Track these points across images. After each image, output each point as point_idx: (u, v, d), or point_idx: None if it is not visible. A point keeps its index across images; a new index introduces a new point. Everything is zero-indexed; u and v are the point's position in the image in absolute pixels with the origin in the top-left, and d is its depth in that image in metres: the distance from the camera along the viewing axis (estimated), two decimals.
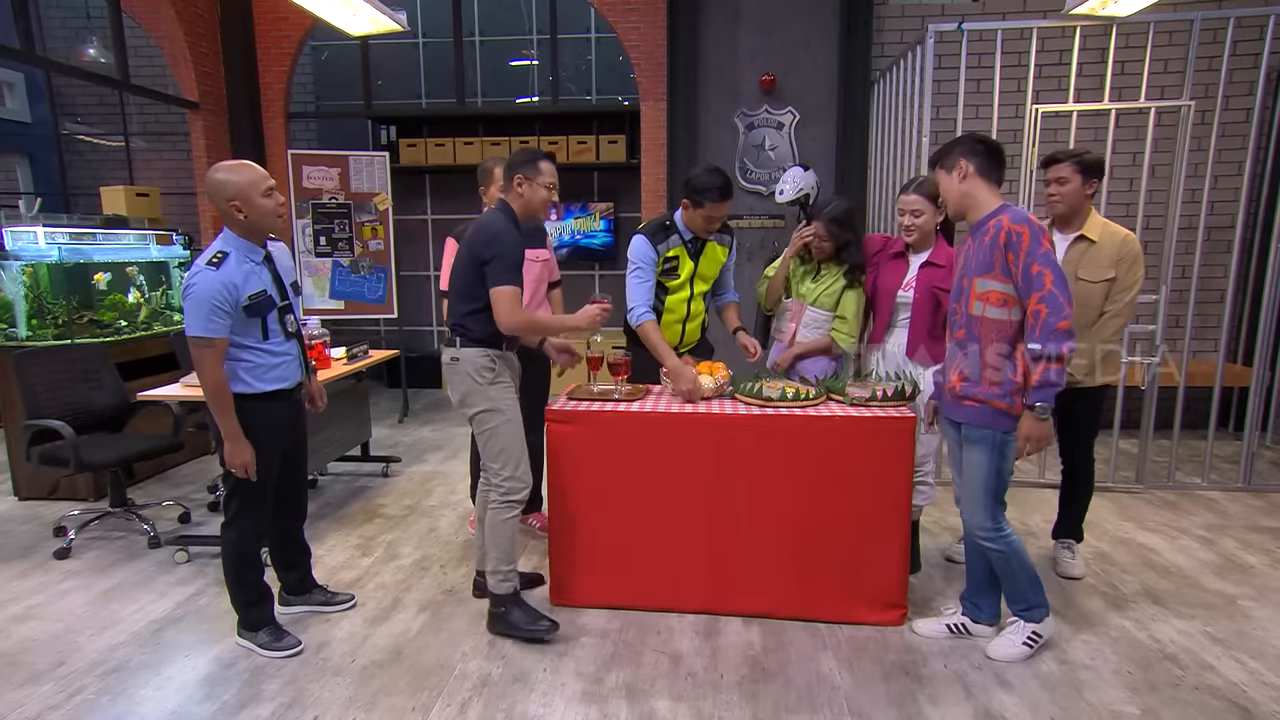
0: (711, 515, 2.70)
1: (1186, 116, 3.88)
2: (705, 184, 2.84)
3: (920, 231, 2.80)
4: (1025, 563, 2.45)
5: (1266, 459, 4.59)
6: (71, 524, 3.55)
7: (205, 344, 2.27)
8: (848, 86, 5.46)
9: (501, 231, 2.48)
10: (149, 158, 8.04)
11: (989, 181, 2.32)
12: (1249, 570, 3.18)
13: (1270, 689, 2.33)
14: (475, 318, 2.53)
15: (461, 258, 2.54)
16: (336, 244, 5.73)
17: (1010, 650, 2.48)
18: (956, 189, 2.35)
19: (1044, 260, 2.16)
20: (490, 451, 2.56)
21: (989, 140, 2.35)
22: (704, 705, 2.26)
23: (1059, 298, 2.14)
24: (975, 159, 2.32)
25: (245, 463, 2.38)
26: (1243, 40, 4.61)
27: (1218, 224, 5.03)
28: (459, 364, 2.55)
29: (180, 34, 5.64)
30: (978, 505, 2.40)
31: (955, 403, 2.42)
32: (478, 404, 2.55)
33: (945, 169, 2.37)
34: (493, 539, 2.58)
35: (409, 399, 6.30)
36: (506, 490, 2.55)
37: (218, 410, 2.34)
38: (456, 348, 2.56)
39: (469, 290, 2.51)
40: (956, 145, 2.37)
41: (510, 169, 2.56)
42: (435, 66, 7.72)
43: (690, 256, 3.01)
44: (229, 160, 2.42)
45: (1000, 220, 2.24)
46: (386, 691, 2.34)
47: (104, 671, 2.45)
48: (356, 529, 3.69)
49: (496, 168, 3.06)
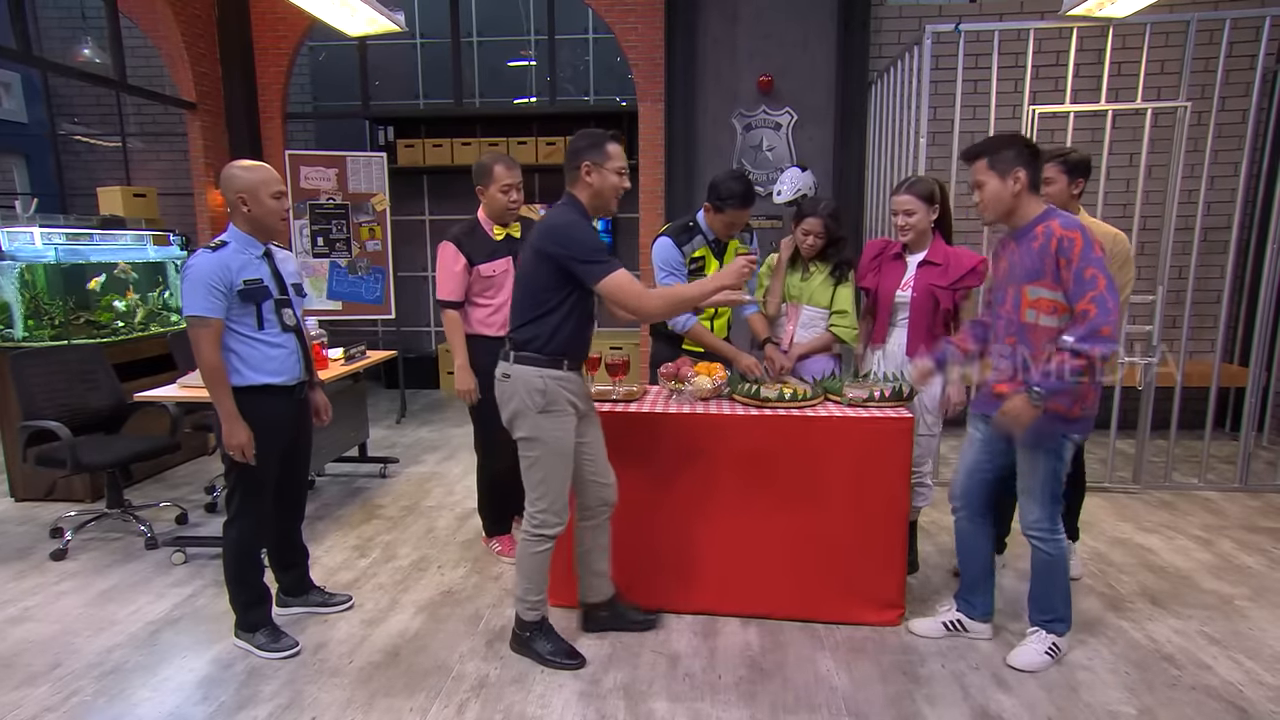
0: (709, 516, 2.70)
1: (1183, 118, 3.89)
2: (729, 190, 2.86)
3: (915, 231, 2.80)
4: (1066, 572, 2.44)
5: (1263, 459, 4.60)
6: (68, 525, 3.55)
7: (201, 323, 2.31)
8: (845, 87, 5.47)
9: (574, 221, 2.24)
10: (146, 158, 8.02)
11: (1035, 191, 2.29)
12: (1246, 570, 3.19)
13: (1266, 689, 2.34)
14: (533, 329, 2.29)
15: (528, 264, 2.30)
16: (334, 245, 5.72)
17: (1034, 659, 2.45)
18: (1007, 197, 2.27)
19: (1098, 264, 2.12)
20: (530, 480, 2.38)
21: (1035, 147, 2.28)
22: (702, 706, 2.26)
23: (1109, 301, 2.09)
24: (1030, 171, 2.25)
25: (241, 444, 2.38)
26: (1239, 41, 4.62)
27: (1214, 225, 5.04)
28: (510, 381, 2.33)
29: (177, 34, 5.63)
30: (1036, 504, 2.38)
31: None
32: (522, 429, 2.34)
33: (998, 174, 2.26)
34: (521, 568, 2.45)
35: (406, 400, 6.30)
36: (539, 523, 2.39)
37: (214, 390, 2.36)
38: (510, 363, 2.33)
39: (531, 298, 2.29)
40: (1012, 149, 2.26)
41: (574, 156, 2.28)
42: (433, 67, 7.71)
43: (715, 256, 3.05)
44: (247, 160, 2.49)
45: (1050, 226, 2.20)
46: (384, 692, 2.34)
47: (101, 673, 2.45)
48: (354, 530, 3.68)
49: (496, 165, 3.03)
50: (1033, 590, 2.50)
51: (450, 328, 3.10)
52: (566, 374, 2.34)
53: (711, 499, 2.69)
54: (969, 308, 2.85)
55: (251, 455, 2.41)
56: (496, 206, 3.07)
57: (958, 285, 2.77)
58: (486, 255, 3.07)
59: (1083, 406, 2.29)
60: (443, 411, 6.36)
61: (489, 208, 3.10)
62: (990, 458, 2.49)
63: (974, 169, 2.32)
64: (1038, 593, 2.48)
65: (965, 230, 4.74)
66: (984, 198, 2.31)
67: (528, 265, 2.31)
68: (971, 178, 2.36)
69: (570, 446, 2.38)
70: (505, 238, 3.13)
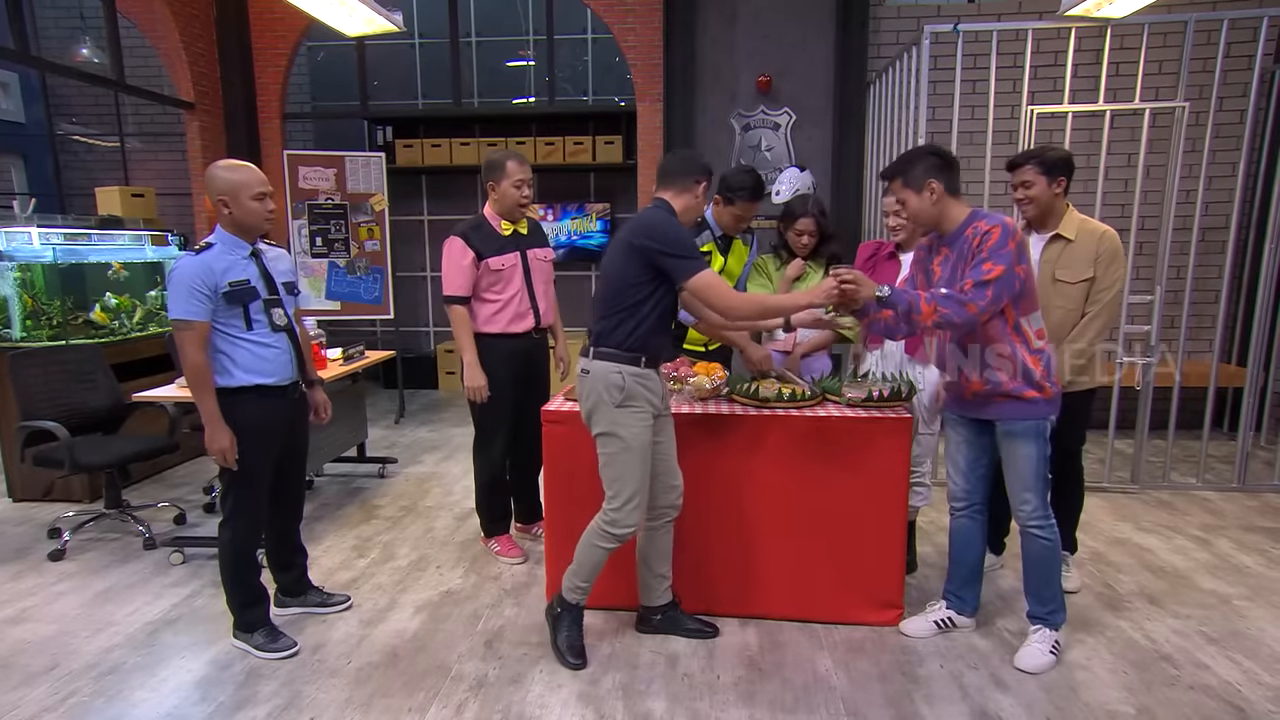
0: (708, 516, 2.70)
1: (1181, 118, 3.89)
2: (740, 183, 2.92)
3: (905, 230, 2.84)
4: (1060, 557, 2.48)
5: (1261, 459, 4.61)
6: (66, 526, 3.54)
7: (184, 326, 2.31)
8: (844, 88, 5.47)
9: (668, 220, 2.32)
10: (144, 158, 8.02)
11: (955, 195, 2.32)
12: (1244, 570, 3.19)
13: (1264, 688, 2.34)
14: (617, 325, 2.31)
15: (616, 259, 2.34)
16: (332, 245, 5.72)
17: (1041, 660, 2.45)
18: (929, 209, 2.32)
19: (1001, 258, 2.17)
20: (606, 476, 2.39)
21: (945, 153, 2.34)
22: (700, 706, 2.26)
23: (989, 291, 2.15)
24: (943, 177, 2.29)
25: (223, 448, 2.38)
26: (1236, 42, 4.62)
27: (1212, 225, 5.04)
28: (589, 377, 2.35)
29: (176, 34, 5.63)
30: (1031, 492, 2.39)
31: (982, 402, 2.40)
32: (600, 424, 2.35)
33: (913, 189, 2.32)
34: (580, 552, 2.45)
35: (405, 400, 6.30)
36: (611, 521, 2.37)
37: (197, 393, 2.36)
38: (589, 358, 2.36)
39: (617, 294, 2.31)
40: (918, 163, 2.32)
41: (683, 175, 2.39)
42: (432, 67, 7.71)
43: (720, 252, 3.08)
44: (232, 159, 2.47)
45: (977, 225, 2.26)
46: (383, 693, 2.34)
47: (99, 673, 2.45)
48: (353, 530, 3.68)
49: (508, 160, 2.99)
50: (1031, 584, 2.50)
51: (458, 323, 3.07)
52: (644, 371, 2.35)
53: (710, 499, 2.69)
54: None
55: (234, 460, 2.40)
56: (508, 202, 3.05)
57: None
58: (495, 249, 3.05)
59: (1051, 386, 2.32)
60: (441, 412, 6.36)
61: (499, 203, 3.07)
62: (981, 452, 2.52)
63: (892, 189, 2.41)
64: (1037, 585, 2.48)
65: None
66: (909, 214, 2.40)
67: (616, 260, 2.34)
68: (893, 198, 2.52)
69: (647, 444, 2.37)
70: (513, 234, 3.11)
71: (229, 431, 2.38)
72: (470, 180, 7.32)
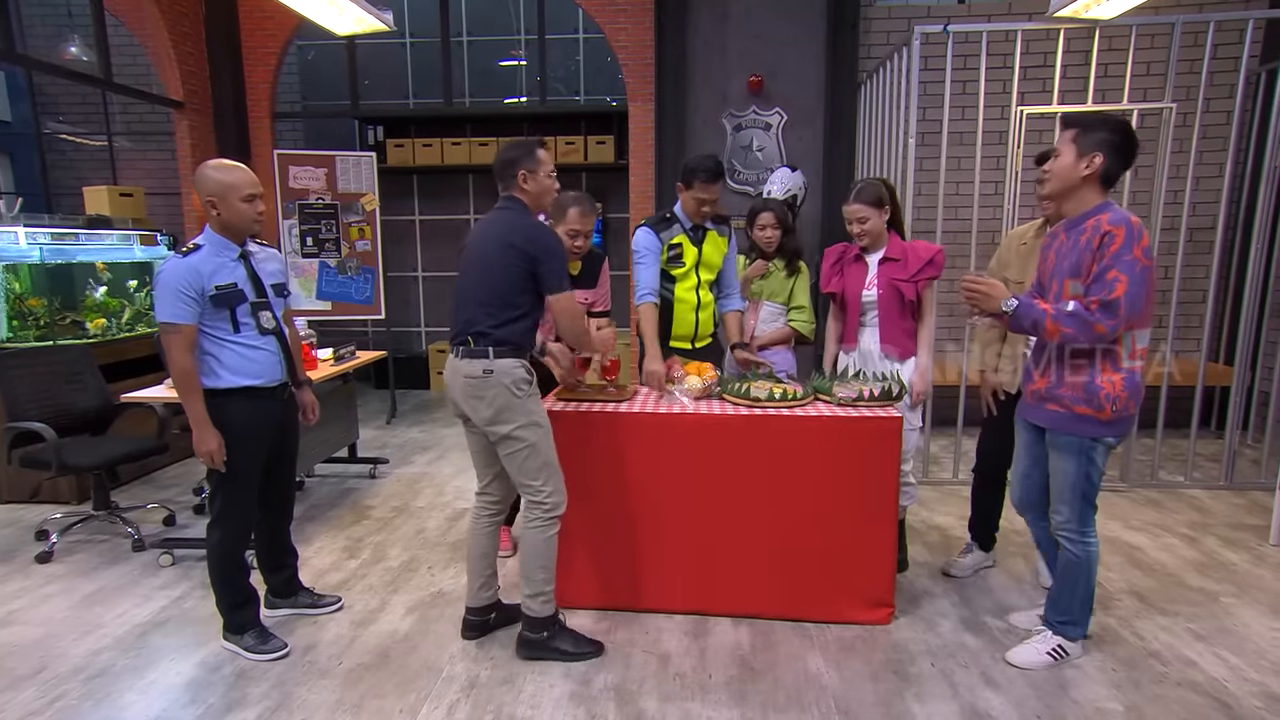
0: (699, 516, 2.71)
1: (1168, 119, 3.92)
2: (695, 164, 2.96)
3: (870, 235, 2.90)
4: (1091, 577, 2.38)
5: (1248, 457, 4.65)
6: (54, 527, 3.51)
7: (171, 329, 2.30)
8: (835, 88, 5.48)
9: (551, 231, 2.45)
10: (133, 157, 7.96)
11: (1107, 184, 2.19)
12: (1230, 567, 3.22)
13: (1250, 684, 2.36)
14: (513, 325, 2.37)
15: (494, 260, 2.37)
16: (323, 245, 5.70)
17: (1033, 659, 2.44)
18: (1074, 174, 2.17)
19: (1126, 267, 2.04)
20: (530, 469, 2.39)
21: (1131, 134, 2.15)
22: (692, 706, 2.26)
23: (1121, 309, 2.04)
24: (1111, 157, 2.14)
25: (210, 451, 2.37)
26: (1223, 44, 4.66)
27: (1199, 225, 5.08)
28: (494, 376, 2.34)
29: (164, 33, 5.59)
30: (1065, 505, 2.33)
31: (1038, 405, 2.36)
32: (515, 419, 2.36)
33: (1079, 148, 2.16)
34: (537, 560, 2.44)
35: (397, 400, 6.27)
36: (551, 507, 2.42)
37: (184, 396, 2.35)
38: (489, 359, 2.34)
39: (508, 296, 2.36)
40: (1101, 129, 2.15)
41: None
42: (423, 66, 7.68)
43: (693, 244, 3.10)
44: (223, 160, 2.45)
45: (1100, 220, 2.13)
46: (374, 694, 2.33)
47: (87, 676, 2.43)
48: (344, 531, 3.67)
49: (572, 208, 2.89)
50: (1052, 589, 2.48)
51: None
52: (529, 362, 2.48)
53: (701, 499, 2.69)
54: (929, 298, 2.92)
55: (221, 462, 2.39)
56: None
57: (918, 277, 2.86)
58: None
59: (1114, 408, 2.21)
60: (433, 412, 6.35)
61: None
62: (1034, 461, 2.46)
63: (1061, 136, 2.23)
64: (1058, 591, 2.45)
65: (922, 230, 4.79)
66: (1054, 167, 2.24)
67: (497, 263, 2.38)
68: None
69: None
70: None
71: (217, 433, 2.37)
72: (462, 180, 7.31)
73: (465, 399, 2.39)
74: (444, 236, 7.41)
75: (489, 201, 2.58)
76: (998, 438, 2.94)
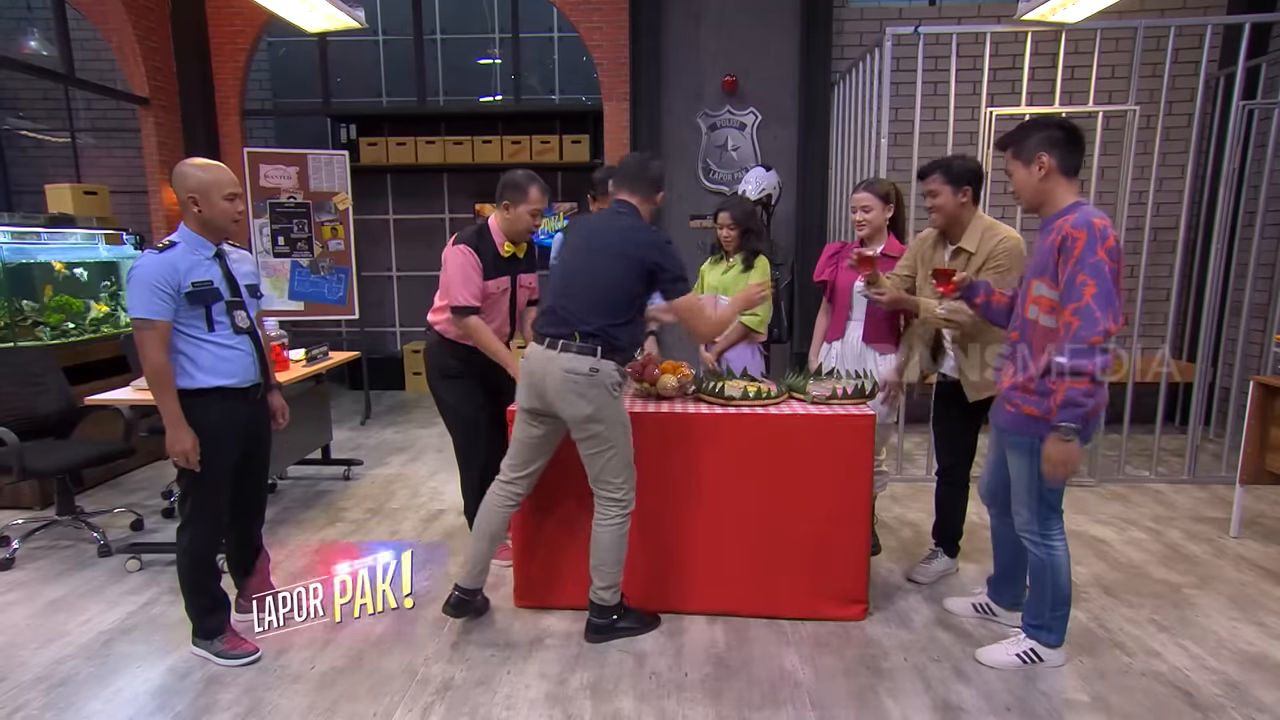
0: (674, 514, 2.71)
1: (1132, 121, 4.01)
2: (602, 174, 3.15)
3: (870, 226, 2.95)
4: (1060, 581, 2.35)
5: (1209, 451, 4.76)
6: (15, 534, 3.42)
7: (146, 325, 2.26)
8: (808, 88, 5.53)
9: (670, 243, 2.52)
10: (97, 155, 7.78)
11: (1068, 176, 2.18)
12: (1193, 559, 3.30)
13: (1211, 673, 2.42)
14: (622, 329, 2.44)
15: (613, 264, 2.43)
16: (295, 244, 5.62)
17: (1000, 659, 2.44)
18: (1033, 184, 2.19)
19: (1091, 270, 2.02)
20: (613, 468, 2.47)
21: (1069, 126, 2.16)
22: (668, 704, 2.27)
23: (1095, 312, 2.01)
24: (1056, 151, 2.15)
25: (185, 450, 2.32)
26: (1183, 48, 4.78)
27: (1162, 225, 5.20)
28: (598, 376, 2.37)
29: (129, 26, 5.48)
30: (1023, 505, 2.35)
31: (999, 406, 2.37)
32: (610, 417, 2.42)
33: (1022, 161, 2.19)
34: (611, 554, 2.53)
35: (371, 401, 6.21)
36: (627, 504, 2.52)
37: (158, 394, 2.31)
38: (596, 358, 2.38)
39: (621, 302, 2.43)
40: (1034, 132, 2.17)
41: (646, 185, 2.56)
42: (396, 64, 7.60)
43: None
44: (204, 159, 2.42)
45: (1064, 222, 2.11)
46: (347, 698, 2.31)
47: (49, 685, 2.37)
48: (317, 533, 3.62)
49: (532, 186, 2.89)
50: (1029, 592, 2.48)
51: (481, 334, 2.90)
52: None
53: (676, 497, 2.70)
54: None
55: (196, 462, 2.35)
56: (519, 226, 2.93)
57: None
58: (493, 271, 2.93)
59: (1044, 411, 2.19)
60: (408, 413, 6.29)
61: (510, 225, 2.93)
62: (1001, 456, 2.47)
63: (1006, 159, 2.27)
64: (1031, 597, 2.45)
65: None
66: (1014, 186, 2.28)
67: (616, 269, 2.44)
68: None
69: None
70: (511, 256, 2.99)
71: (191, 433, 2.33)
72: (436, 179, 7.24)
73: (560, 393, 2.40)
74: (418, 236, 7.34)
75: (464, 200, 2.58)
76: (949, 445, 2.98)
